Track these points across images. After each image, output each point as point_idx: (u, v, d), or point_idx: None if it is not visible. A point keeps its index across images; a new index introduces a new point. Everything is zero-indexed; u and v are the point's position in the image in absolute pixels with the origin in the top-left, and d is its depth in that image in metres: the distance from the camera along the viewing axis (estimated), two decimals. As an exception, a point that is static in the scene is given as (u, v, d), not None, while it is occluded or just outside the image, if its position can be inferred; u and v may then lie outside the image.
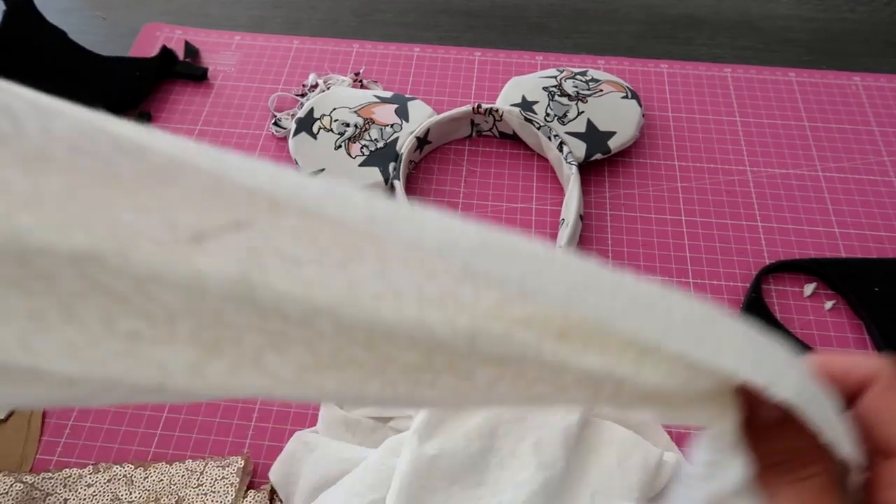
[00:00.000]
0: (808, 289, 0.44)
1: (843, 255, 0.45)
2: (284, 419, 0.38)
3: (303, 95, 0.52)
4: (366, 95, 0.50)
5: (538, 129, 0.47)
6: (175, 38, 0.57)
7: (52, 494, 0.33)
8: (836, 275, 0.44)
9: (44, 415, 0.37)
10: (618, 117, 0.49)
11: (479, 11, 0.61)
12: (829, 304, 0.43)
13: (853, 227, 0.47)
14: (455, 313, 0.13)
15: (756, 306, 0.42)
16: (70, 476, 0.34)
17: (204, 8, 0.61)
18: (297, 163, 0.46)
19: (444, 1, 0.62)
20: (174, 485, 0.34)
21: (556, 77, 0.51)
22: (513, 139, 0.50)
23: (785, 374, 0.15)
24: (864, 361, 0.18)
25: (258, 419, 0.38)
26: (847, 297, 0.43)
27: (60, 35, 0.51)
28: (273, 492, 0.35)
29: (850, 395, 0.18)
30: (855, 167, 0.50)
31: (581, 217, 0.45)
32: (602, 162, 0.49)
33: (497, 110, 0.48)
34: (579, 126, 0.48)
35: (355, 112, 0.48)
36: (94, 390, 0.13)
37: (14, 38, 0.48)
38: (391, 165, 0.46)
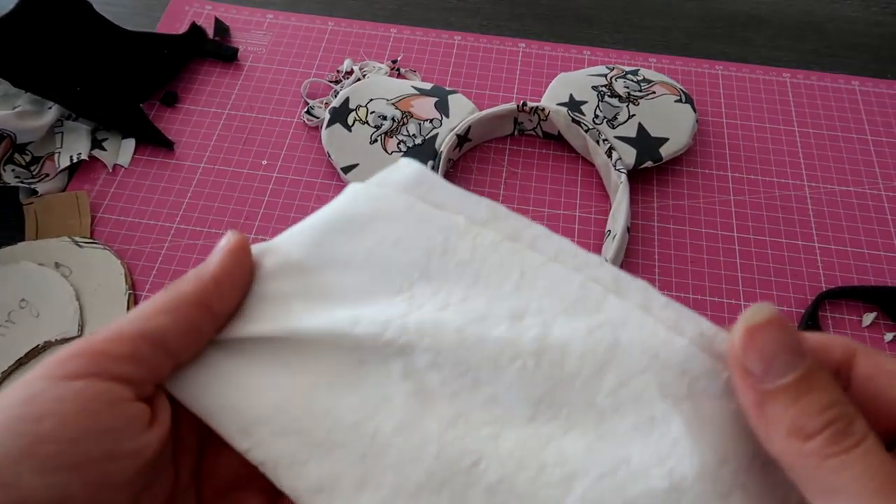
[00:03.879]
0: (868, 318, 0.41)
1: (907, 283, 0.42)
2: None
3: (337, 82, 0.50)
4: (404, 86, 0.47)
5: (586, 131, 0.45)
6: (205, 14, 0.54)
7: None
8: (898, 305, 0.41)
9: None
10: (671, 123, 0.46)
11: (524, -1, 0.58)
12: (889, 336, 0.40)
13: (918, 253, 0.44)
14: None
15: (812, 335, 0.40)
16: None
17: (235, -18, 0.58)
18: (329, 155, 0.44)
19: (486, -15, 0.59)
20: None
21: (605, 76, 0.48)
22: (557, 140, 0.47)
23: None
24: (827, 343, 0.18)
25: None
26: (909, 329, 0.40)
27: (86, 7, 0.48)
28: None
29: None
30: (922, 188, 0.47)
31: (628, 229, 0.42)
32: (651, 169, 0.46)
33: (543, 109, 0.46)
34: (629, 130, 0.45)
35: (393, 104, 0.46)
36: None
37: (37, 9, 0.45)
38: (429, 164, 0.43)
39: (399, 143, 0.44)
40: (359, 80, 0.49)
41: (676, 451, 0.17)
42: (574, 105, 0.46)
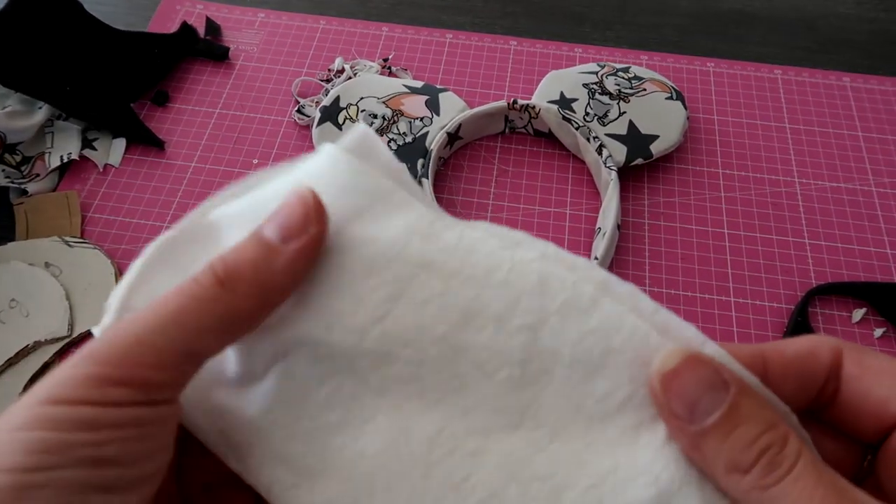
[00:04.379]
0: (857, 314, 0.41)
1: (897, 279, 0.43)
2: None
3: (328, 81, 0.50)
4: (395, 84, 0.47)
5: (577, 129, 0.45)
6: (196, 13, 0.54)
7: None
8: (887, 300, 0.41)
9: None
10: (661, 120, 0.46)
11: (516, -4, 0.58)
12: (878, 332, 0.40)
13: (908, 249, 0.44)
14: None
15: (801, 331, 0.40)
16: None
17: (227, -19, 0.58)
18: (320, 154, 0.44)
19: (478, -17, 0.59)
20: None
21: (596, 73, 0.48)
22: (548, 138, 0.47)
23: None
24: (812, 346, 0.18)
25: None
26: (899, 325, 0.40)
27: (77, 6, 0.48)
28: None
29: (819, 382, 0.18)
30: (912, 184, 0.47)
31: (619, 226, 0.42)
32: (641, 166, 0.46)
33: (534, 107, 0.46)
34: (620, 128, 0.45)
35: (383, 102, 0.46)
36: None
37: (27, 8, 0.45)
38: (419, 162, 0.43)
39: (389, 142, 0.44)
40: (350, 78, 0.49)
41: (663, 457, 0.17)
42: (565, 102, 0.46)
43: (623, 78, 0.48)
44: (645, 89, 0.47)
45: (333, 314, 0.17)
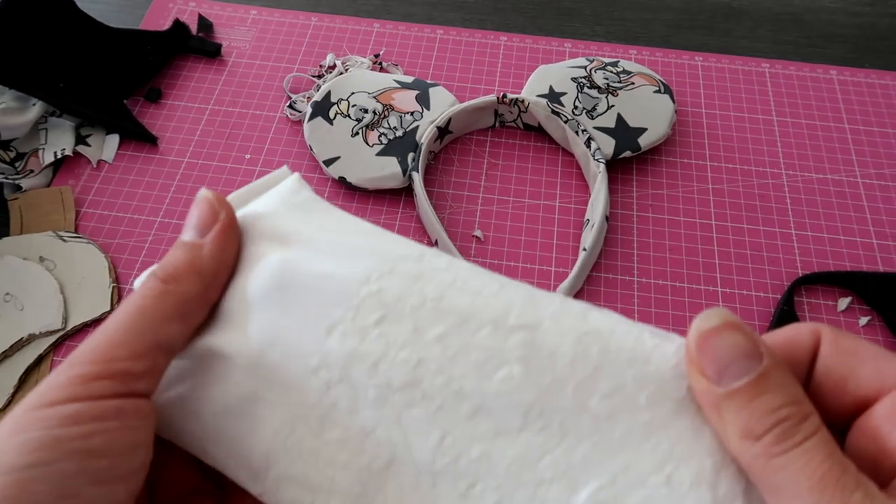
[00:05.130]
0: (843, 303, 0.42)
1: (882, 268, 0.43)
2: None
3: (319, 77, 0.50)
4: (385, 80, 0.47)
5: (565, 122, 0.45)
6: (188, 11, 0.55)
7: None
8: (872, 289, 0.41)
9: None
10: (649, 113, 0.46)
11: (506, -7, 0.58)
12: (864, 320, 0.41)
13: (893, 238, 0.44)
14: None
15: (787, 320, 0.40)
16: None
17: (219, -21, 0.58)
18: (311, 149, 0.44)
19: (469, -20, 0.59)
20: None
21: (585, 67, 0.49)
22: (538, 131, 0.48)
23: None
24: (795, 332, 0.18)
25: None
26: (883, 313, 0.41)
27: (70, 4, 0.49)
28: None
29: (803, 369, 0.18)
30: (897, 175, 0.47)
31: (607, 218, 0.43)
32: (630, 159, 0.46)
33: (523, 101, 0.46)
34: (608, 121, 0.46)
35: (374, 97, 0.46)
36: None
37: (20, 6, 0.46)
38: (410, 156, 0.44)
39: (380, 136, 0.44)
40: (341, 74, 0.49)
41: (674, 456, 0.16)
42: (553, 96, 0.46)
43: (612, 72, 0.49)
44: (633, 83, 0.48)
45: (334, 319, 0.18)
